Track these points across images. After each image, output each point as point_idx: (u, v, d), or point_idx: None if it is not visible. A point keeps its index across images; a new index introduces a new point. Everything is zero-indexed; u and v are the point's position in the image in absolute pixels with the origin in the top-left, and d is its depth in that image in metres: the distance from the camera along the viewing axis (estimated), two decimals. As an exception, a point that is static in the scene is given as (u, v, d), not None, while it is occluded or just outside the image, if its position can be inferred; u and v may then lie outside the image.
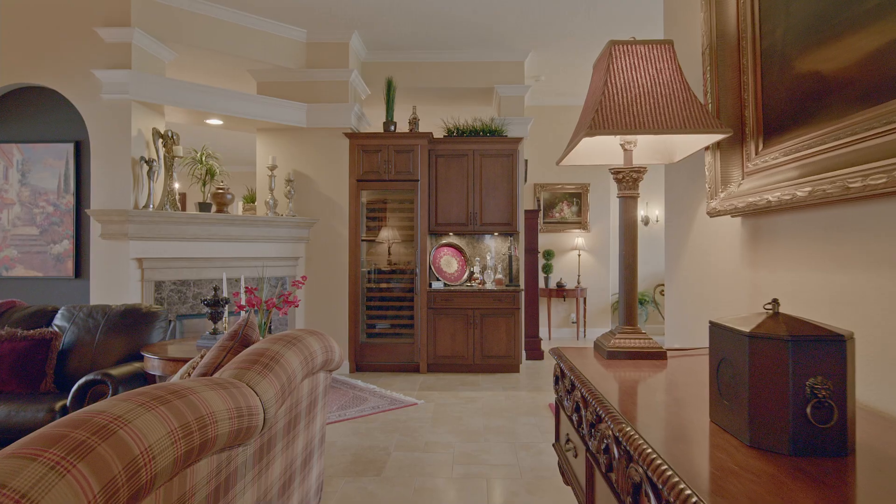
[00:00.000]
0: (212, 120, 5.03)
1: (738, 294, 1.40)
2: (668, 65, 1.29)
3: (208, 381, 1.30)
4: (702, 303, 1.62)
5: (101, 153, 4.25)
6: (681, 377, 1.15)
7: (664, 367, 1.27)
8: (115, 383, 2.55)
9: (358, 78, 5.44)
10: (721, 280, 1.50)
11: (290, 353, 1.78)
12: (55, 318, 3.12)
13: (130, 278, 4.18)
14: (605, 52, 1.34)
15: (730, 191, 1.32)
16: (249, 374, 1.54)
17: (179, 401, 1.13)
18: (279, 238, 5.10)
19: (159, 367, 2.57)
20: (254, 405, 1.41)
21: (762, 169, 1.21)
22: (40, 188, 4.38)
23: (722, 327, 0.80)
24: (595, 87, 1.36)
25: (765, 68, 1.22)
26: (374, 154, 5.30)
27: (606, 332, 1.41)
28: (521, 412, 3.99)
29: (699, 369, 1.22)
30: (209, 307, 2.78)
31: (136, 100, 4.28)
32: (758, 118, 1.25)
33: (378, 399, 4.30)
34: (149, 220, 4.17)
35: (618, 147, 1.48)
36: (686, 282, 1.73)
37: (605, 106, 1.25)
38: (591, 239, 7.44)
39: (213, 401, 1.22)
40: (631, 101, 1.26)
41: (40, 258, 4.38)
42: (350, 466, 2.96)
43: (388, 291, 5.49)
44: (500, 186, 5.50)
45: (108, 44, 4.24)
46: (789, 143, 1.12)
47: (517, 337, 5.25)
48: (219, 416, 1.20)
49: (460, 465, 2.99)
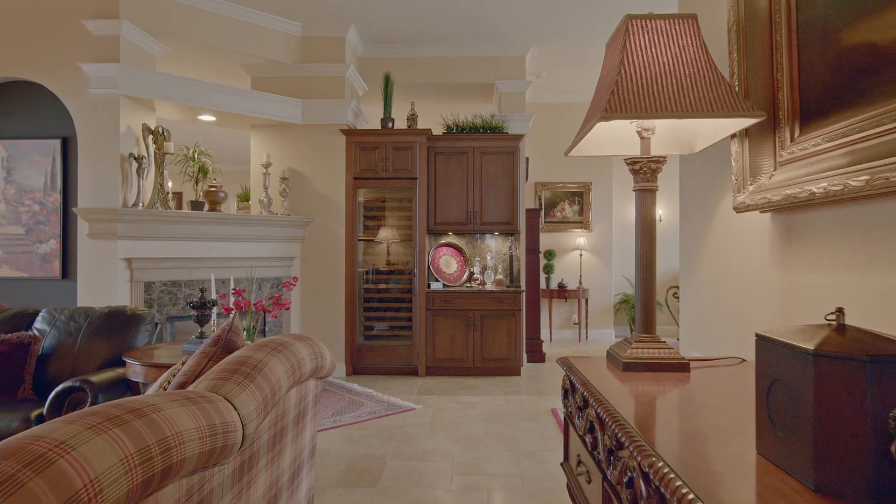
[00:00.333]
0: (204, 116, 4.89)
1: (768, 298, 1.26)
2: (691, 41, 1.16)
3: (177, 396, 1.16)
4: (723, 307, 1.48)
5: (88, 150, 4.11)
6: (710, 395, 1.01)
7: (687, 380, 1.13)
8: (95, 390, 2.41)
9: (354, 73, 5.30)
10: (746, 282, 1.36)
11: (274, 362, 1.64)
12: (35, 321, 2.98)
13: (119, 279, 4.04)
14: (620, 29, 1.21)
15: (760, 183, 1.18)
16: (228, 385, 1.40)
17: (139, 420, 0.99)
18: (274, 238, 4.96)
19: (141, 373, 2.43)
20: (231, 421, 1.27)
21: (800, 158, 1.08)
22: (26, 186, 4.24)
23: (775, 342, 0.66)
24: (609, 68, 1.22)
25: (802, 44, 1.08)
26: (371, 151, 5.16)
27: (621, 341, 1.28)
28: (522, 417, 3.85)
29: (730, 385, 1.08)
30: (195, 310, 2.64)
31: (125, 94, 4.14)
32: (794, 101, 1.11)
33: (375, 404, 4.17)
34: (138, 218, 4.03)
35: (633, 135, 1.34)
36: (705, 283, 1.60)
37: (621, 87, 1.11)
38: (593, 239, 7.30)
39: (180, 419, 1.08)
40: (651, 82, 1.12)
41: (26, 258, 4.24)
42: (344, 476, 2.83)
43: (385, 292, 5.35)
44: (500, 185, 5.36)
45: (96, 37, 4.10)
46: (835, 127, 0.98)
47: (518, 339, 5.11)
48: (187, 437, 1.07)
49: (460, 475, 2.86)
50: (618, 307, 7.45)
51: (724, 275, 1.48)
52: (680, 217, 1.74)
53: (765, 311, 1.27)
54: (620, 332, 7.48)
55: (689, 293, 1.71)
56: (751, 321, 1.33)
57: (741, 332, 1.39)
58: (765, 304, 1.27)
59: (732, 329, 1.44)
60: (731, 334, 1.44)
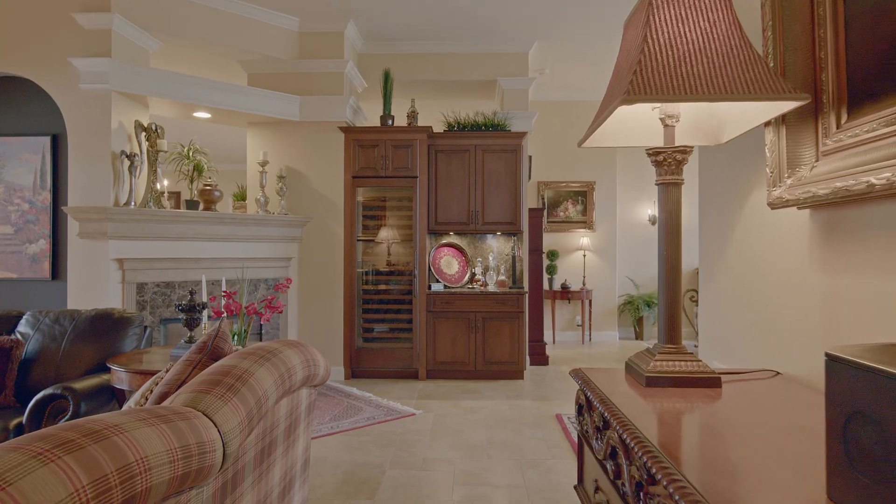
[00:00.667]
0: (199, 113, 4.77)
1: (806, 303, 1.13)
2: (723, 15, 1.03)
3: (146, 414, 1.04)
4: (751, 313, 1.35)
5: (79, 147, 3.99)
6: (749, 417, 0.88)
7: (719, 397, 1.01)
8: (78, 398, 2.29)
9: (354, 69, 5.18)
10: (779, 285, 1.23)
11: (262, 371, 1.52)
12: (19, 325, 2.85)
13: (110, 280, 3.92)
14: (642, 3, 1.08)
15: (800, 175, 1.06)
16: (208, 399, 1.27)
17: (97, 445, 0.87)
18: (270, 237, 4.84)
19: (126, 380, 2.31)
20: (209, 439, 1.15)
21: (849, 146, 0.95)
22: (15, 184, 4.12)
23: (856, 366, 0.53)
24: (630, 46, 1.10)
25: (851, 17, 0.96)
26: (370, 149, 5.04)
27: (642, 352, 1.15)
28: (526, 423, 3.72)
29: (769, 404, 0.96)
30: (184, 313, 2.52)
31: (117, 90, 4.01)
32: (840, 82, 0.98)
33: (374, 409, 4.04)
34: (130, 218, 3.91)
35: (654, 123, 1.21)
36: (729, 287, 1.47)
37: (645, 66, 0.99)
38: (597, 239, 7.17)
39: (147, 441, 0.96)
40: (678, 61, 0.99)
41: (15, 258, 4.12)
42: (341, 487, 2.70)
43: (385, 293, 5.23)
44: (503, 183, 5.23)
45: (87, 30, 3.98)
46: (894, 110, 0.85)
47: (521, 342, 4.99)
48: (154, 462, 0.94)
49: (461, 485, 2.73)
50: (622, 309, 7.32)
51: (752, 277, 1.35)
52: (699, 215, 1.62)
53: (802, 317, 1.14)
54: (624, 334, 7.35)
55: (709, 297, 1.58)
56: (784, 328, 1.21)
57: (773, 341, 1.26)
58: (802, 310, 1.14)
59: (762, 337, 1.31)
60: (761, 342, 1.31)
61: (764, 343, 1.27)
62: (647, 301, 7.10)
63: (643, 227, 7.41)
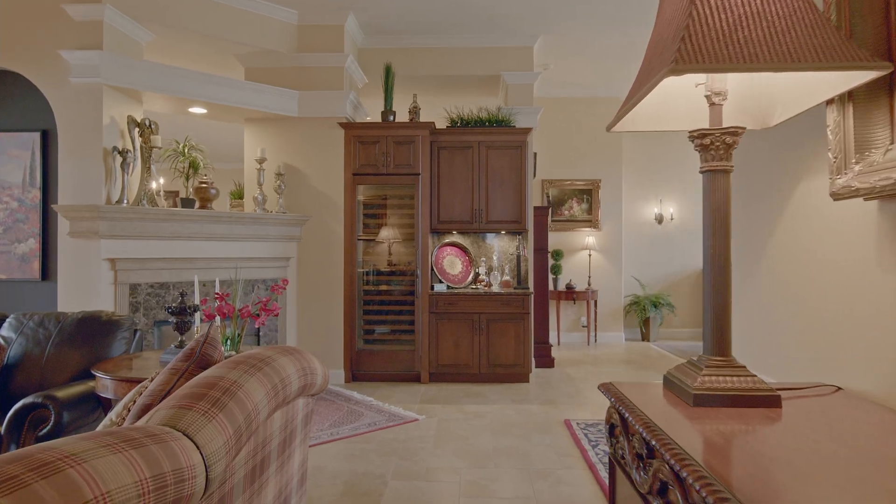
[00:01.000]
0: (195, 108, 4.63)
1: (873, 308, 0.99)
2: (784, -27, 0.88)
3: (112, 439, 0.90)
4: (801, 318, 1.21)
5: (69, 143, 3.84)
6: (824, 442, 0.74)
7: (779, 418, 0.86)
8: (59, 407, 2.15)
9: (354, 64, 5.03)
10: (837, 287, 1.09)
11: (252, 382, 1.37)
12: (1, 328, 2.71)
13: (102, 280, 3.77)
14: (687, -39, 0.93)
15: (871, 161, 0.91)
16: (190, 416, 1.13)
17: (45, 481, 0.72)
18: (269, 237, 4.70)
19: (111, 388, 2.16)
20: (189, 465, 1.00)
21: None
22: (4, 182, 3.98)
23: None
24: (671, 15, 0.95)
25: (939, -28, 0.81)
26: (371, 146, 4.89)
27: (683, 364, 1.00)
28: (533, 429, 3.58)
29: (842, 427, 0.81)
30: (174, 315, 2.37)
31: (109, 84, 3.87)
32: (923, 49, 0.84)
33: (375, 414, 3.90)
34: (122, 216, 3.77)
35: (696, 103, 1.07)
36: (771, 288, 1.32)
37: (695, 31, 0.84)
38: (603, 238, 7.02)
39: (110, 472, 0.82)
40: (734, 25, 0.85)
41: (4, 258, 3.98)
42: (341, 499, 2.56)
43: (387, 294, 5.08)
44: (507, 181, 5.09)
45: (78, 22, 3.84)
46: None
47: (527, 344, 4.84)
48: (118, 497, 0.80)
49: (468, 497, 2.59)
50: (628, 309, 7.17)
51: (801, 277, 1.21)
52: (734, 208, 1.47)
53: (868, 323, 1.00)
54: (630, 335, 7.21)
55: (746, 299, 1.44)
56: (845, 336, 1.06)
57: (829, 350, 1.12)
58: (868, 315, 1.00)
59: (816, 345, 1.16)
60: (814, 352, 1.17)
61: (818, 352, 1.13)
62: (654, 301, 6.95)
63: (650, 226, 7.27)
